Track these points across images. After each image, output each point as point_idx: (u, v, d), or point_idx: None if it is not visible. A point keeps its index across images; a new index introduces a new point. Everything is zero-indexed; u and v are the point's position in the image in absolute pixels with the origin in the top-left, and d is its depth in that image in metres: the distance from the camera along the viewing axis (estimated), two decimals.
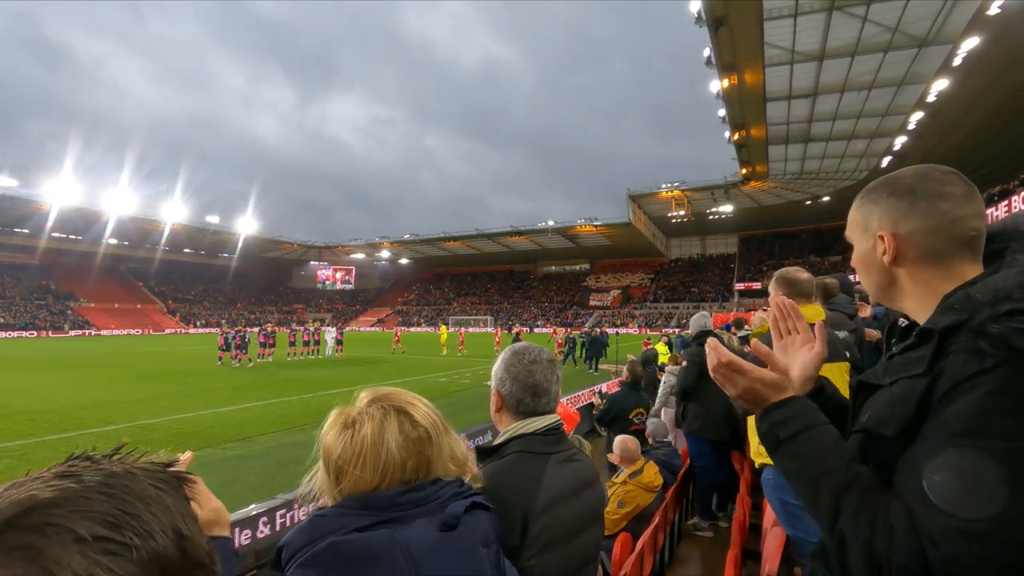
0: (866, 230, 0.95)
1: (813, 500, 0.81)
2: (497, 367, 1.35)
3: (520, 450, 1.25)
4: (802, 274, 2.67)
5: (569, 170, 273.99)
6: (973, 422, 0.67)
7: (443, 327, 29.12)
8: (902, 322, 0.95)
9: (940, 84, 21.91)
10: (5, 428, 8.95)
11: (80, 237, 55.10)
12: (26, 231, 52.27)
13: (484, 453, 1.28)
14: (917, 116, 25.21)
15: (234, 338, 20.12)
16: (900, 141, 28.47)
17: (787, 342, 1.05)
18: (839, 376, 2.56)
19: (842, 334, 2.94)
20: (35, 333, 46.54)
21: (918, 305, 0.89)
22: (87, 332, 49.83)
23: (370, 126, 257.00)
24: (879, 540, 0.70)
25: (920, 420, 0.75)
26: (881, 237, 0.91)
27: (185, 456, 0.86)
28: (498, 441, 1.30)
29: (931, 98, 23.07)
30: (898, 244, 0.88)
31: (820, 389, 1.03)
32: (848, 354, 2.72)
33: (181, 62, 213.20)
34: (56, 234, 52.84)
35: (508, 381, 1.31)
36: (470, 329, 52.23)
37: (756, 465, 2.71)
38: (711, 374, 0.97)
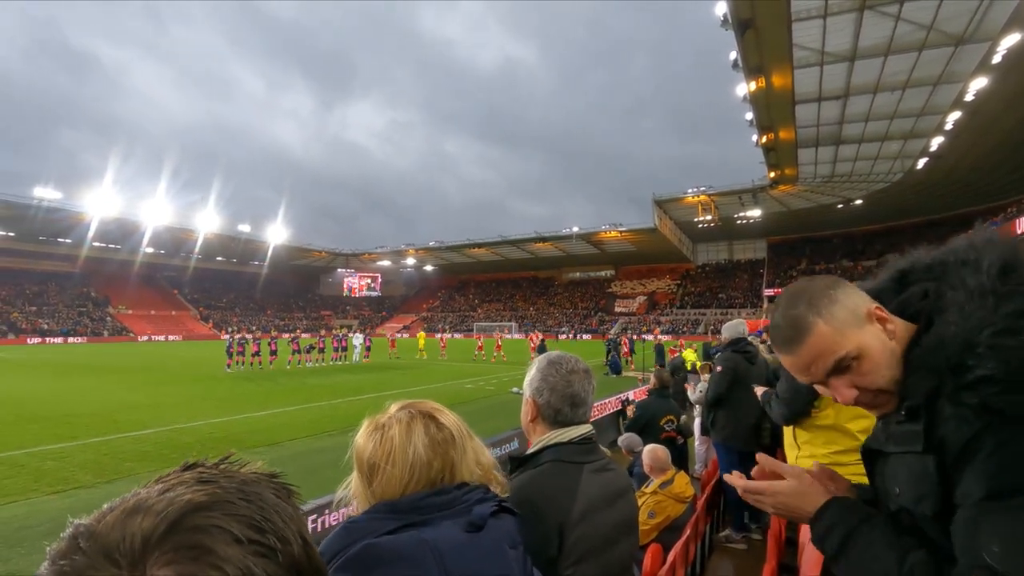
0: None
1: None
2: (533, 376, 1.34)
3: (554, 459, 1.24)
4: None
5: (590, 173, 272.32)
6: (994, 485, 0.69)
7: (421, 333, 29.95)
8: None
9: (979, 83, 21.21)
10: (46, 431, 9.29)
11: (119, 246, 57.20)
12: (69, 241, 54.45)
13: (517, 462, 1.28)
14: (955, 116, 24.43)
15: (237, 346, 20.51)
16: (937, 142, 27.61)
17: (797, 488, 0.95)
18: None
19: None
20: (77, 339, 48.36)
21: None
22: (125, 338, 51.54)
23: (389, 130, 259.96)
24: None
25: (951, 493, 0.75)
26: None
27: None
28: (532, 450, 1.29)
29: (969, 97, 22.34)
30: None
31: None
32: None
33: (203, 69, 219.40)
34: (97, 243, 54.92)
35: (546, 391, 1.30)
36: (495, 335, 52.28)
37: None
38: (742, 497, 0.98)
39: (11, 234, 51.05)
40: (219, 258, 68.91)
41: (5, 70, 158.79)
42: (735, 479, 0.99)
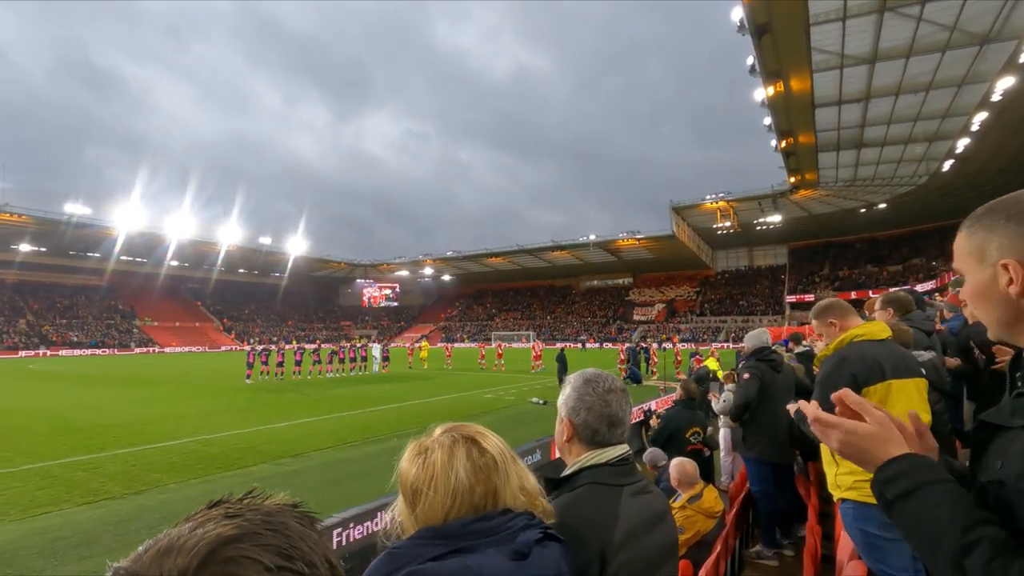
0: (983, 259, 0.86)
1: (932, 564, 0.75)
2: (568, 395, 1.32)
3: (592, 481, 1.21)
4: (833, 297, 2.72)
5: (606, 180, 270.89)
6: None
7: (424, 343, 30.89)
8: None
9: (1006, 82, 20.69)
10: (77, 442, 9.50)
11: (145, 259, 58.65)
12: (97, 255, 55.96)
13: (552, 484, 1.26)
14: (981, 116, 23.84)
15: (261, 356, 20.81)
16: (963, 143, 26.96)
17: (879, 434, 0.89)
18: (916, 393, 2.42)
19: (927, 355, 2.80)
20: (104, 351, 49.54)
21: None
22: (151, 350, 52.66)
23: (404, 140, 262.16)
24: None
25: None
26: (1005, 266, 0.82)
27: None
28: (568, 472, 1.27)
29: (996, 97, 21.79)
30: None
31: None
32: (929, 376, 2.60)
33: (221, 85, 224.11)
34: (124, 257, 56.35)
35: (583, 411, 1.28)
36: (512, 344, 52.23)
37: (835, 499, 2.56)
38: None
39: (43, 249, 52.66)
40: (241, 270, 70.15)
41: (32, 89, 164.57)
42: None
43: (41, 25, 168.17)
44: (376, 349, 25.64)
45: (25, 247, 51.02)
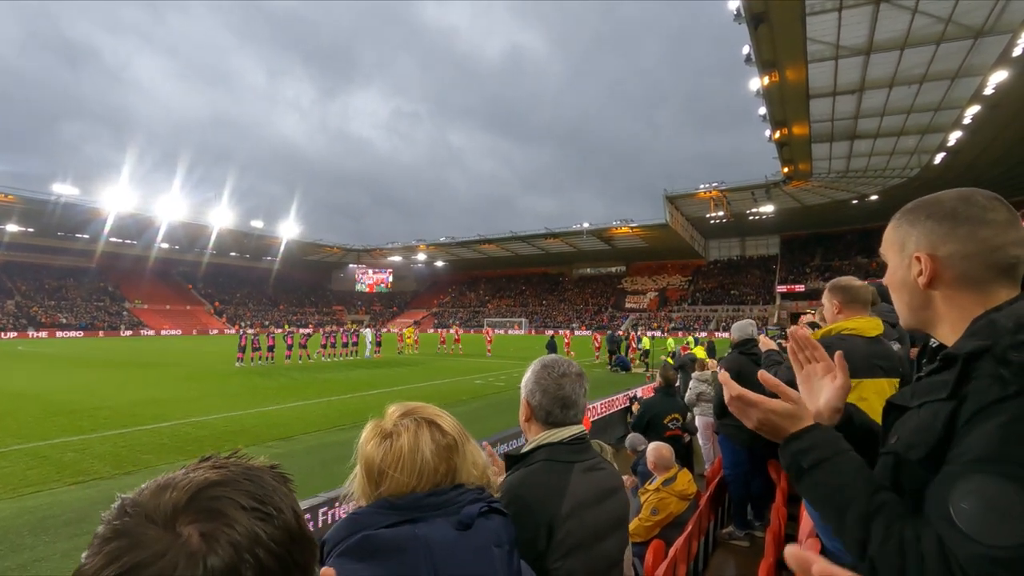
0: (903, 250, 0.95)
1: (840, 528, 0.82)
2: (527, 379, 1.41)
3: (546, 458, 1.30)
4: (857, 282, 2.60)
5: (600, 167, 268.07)
6: (996, 449, 0.68)
7: (409, 328, 32.30)
8: (934, 342, 0.95)
9: (999, 76, 20.79)
10: (67, 424, 9.54)
11: (134, 241, 58.10)
12: (86, 236, 55.42)
13: (512, 460, 1.35)
14: (973, 110, 23.99)
15: (253, 341, 20.77)
16: (955, 136, 27.13)
17: (808, 372, 1.05)
18: (890, 391, 2.47)
19: (895, 347, 2.84)
20: (94, 333, 49.26)
21: (950, 329, 0.89)
22: (140, 332, 52.40)
23: (394, 121, 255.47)
24: (911, 567, 0.71)
25: (946, 445, 0.75)
26: (918, 258, 0.91)
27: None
28: (525, 449, 1.36)
29: (988, 91, 21.91)
30: (935, 266, 0.89)
31: (848, 418, 1.03)
32: (901, 369, 2.63)
33: (202, 59, 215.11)
34: (113, 239, 55.75)
35: (538, 393, 1.37)
36: (509, 331, 52.47)
37: None
38: (728, 407, 1.00)
39: (30, 230, 52.03)
40: (232, 253, 69.70)
41: (4, 64, 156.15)
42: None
43: None
44: (368, 334, 25.69)
45: (12, 227, 50.42)
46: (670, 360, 12.72)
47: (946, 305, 0.90)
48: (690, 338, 25.07)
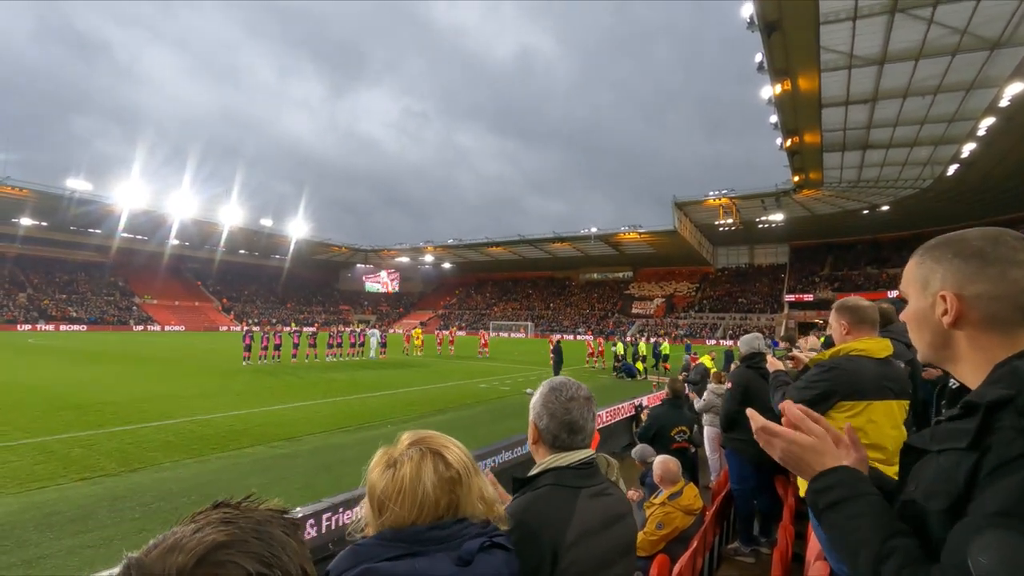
0: (925, 287, 0.92)
1: (854, 570, 0.81)
2: (535, 401, 1.39)
3: (553, 483, 1.29)
4: (864, 302, 2.57)
5: (609, 170, 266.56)
6: (1018, 504, 0.67)
7: (417, 330, 32.23)
8: (953, 384, 0.93)
9: (1015, 88, 20.60)
10: (75, 419, 9.61)
11: (146, 237, 58.69)
12: (99, 231, 55.96)
13: (519, 484, 1.33)
14: (988, 122, 23.75)
15: (262, 339, 20.86)
16: (968, 148, 26.88)
17: (817, 447, 0.96)
18: (899, 414, 2.44)
19: (896, 363, 2.81)
20: (103, 327, 49.70)
21: (972, 371, 0.87)
22: (148, 327, 52.82)
23: (403, 120, 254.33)
24: None
25: (967, 497, 0.74)
26: (943, 297, 0.88)
27: None
28: (532, 473, 1.34)
29: (1004, 103, 21.70)
30: (961, 306, 0.86)
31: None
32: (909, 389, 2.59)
33: (212, 54, 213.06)
34: (125, 235, 56.29)
35: (545, 416, 1.36)
36: (512, 334, 52.38)
37: (802, 494, 2.64)
38: (755, 436, 0.99)
39: (44, 224, 52.64)
40: (242, 251, 70.19)
41: (14, 56, 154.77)
42: (753, 414, 1.00)
43: None
44: (374, 335, 25.76)
45: (27, 221, 51.03)
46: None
47: (969, 346, 0.87)
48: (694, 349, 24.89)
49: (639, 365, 20.07)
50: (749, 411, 1.01)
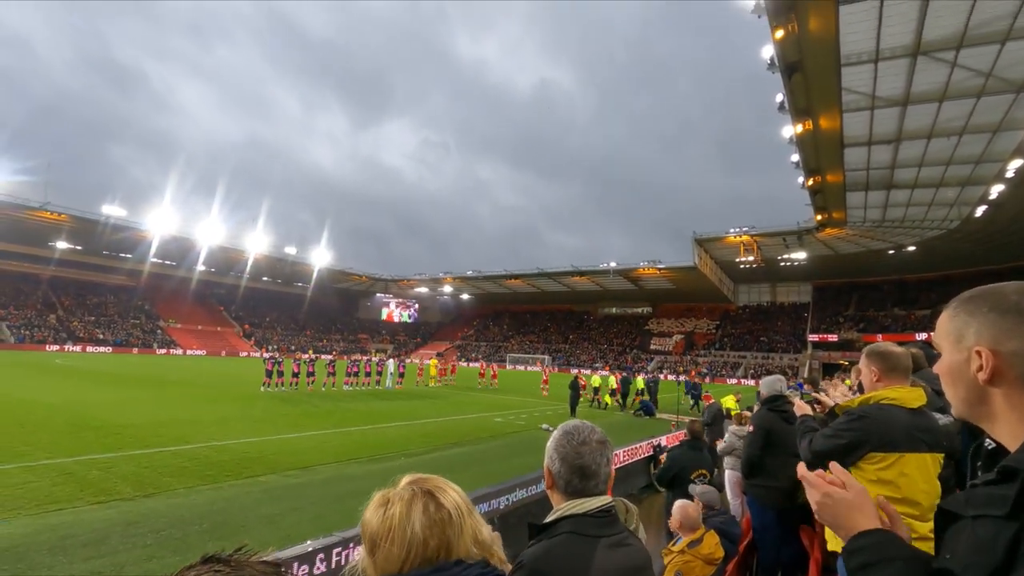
0: (960, 341, 0.89)
1: None
2: (549, 445, 1.37)
3: (570, 531, 1.25)
4: (896, 348, 2.49)
5: (628, 204, 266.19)
6: None
7: (433, 360, 32.55)
8: (989, 444, 0.90)
9: None
10: (95, 440, 9.73)
11: (175, 263, 60.33)
12: (129, 256, 57.72)
13: (535, 530, 1.30)
14: (1016, 164, 23.40)
15: (279, 364, 21.00)
16: (996, 190, 26.43)
17: (855, 503, 0.96)
18: (933, 467, 2.32)
19: (945, 419, 2.68)
20: (127, 349, 50.70)
21: (1009, 431, 0.84)
22: (171, 351, 53.71)
23: (422, 151, 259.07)
24: None
25: (1007, 568, 0.70)
26: (978, 352, 0.85)
27: None
28: (549, 519, 1.31)
29: None
30: (997, 363, 0.83)
31: None
32: (946, 443, 2.46)
33: (244, 88, 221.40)
34: (154, 259, 57.96)
35: (557, 461, 1.33)
36: (528, 368, 51.80)
37: (831, 547, 2.52)
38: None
39: (78, 247, 54.50)
40: (265, 278, 71.58)
41: (55, 84, 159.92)
42: (802, 469, 1.05)
43: (60, 15, 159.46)
44: (391, 365, 25.81)
45: (62, 244, 52.91)
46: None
47: (1006, 404, 0.84)
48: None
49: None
50: (800, 468, 1.05)
